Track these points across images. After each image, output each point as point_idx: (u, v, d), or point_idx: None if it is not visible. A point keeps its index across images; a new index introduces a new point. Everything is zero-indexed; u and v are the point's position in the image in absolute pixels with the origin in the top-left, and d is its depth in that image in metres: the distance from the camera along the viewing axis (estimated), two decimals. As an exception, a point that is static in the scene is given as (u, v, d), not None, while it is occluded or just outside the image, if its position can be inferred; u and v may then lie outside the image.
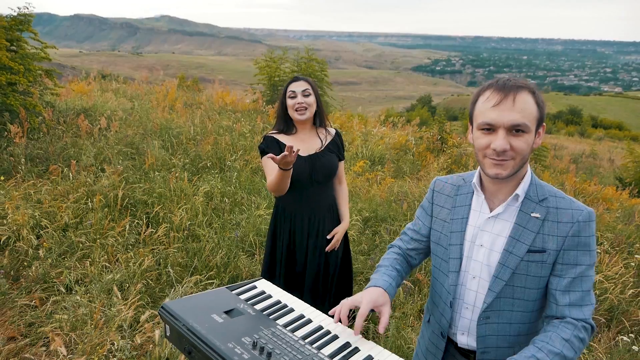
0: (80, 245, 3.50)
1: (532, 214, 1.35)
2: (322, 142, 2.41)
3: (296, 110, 2.31)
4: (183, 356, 2.25)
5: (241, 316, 1.35)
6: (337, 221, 2.51)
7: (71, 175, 4.45)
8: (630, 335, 3.33)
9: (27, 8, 6.72)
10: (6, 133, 5.48)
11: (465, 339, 1.49)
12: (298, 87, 2.31)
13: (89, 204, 4.00)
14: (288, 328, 1.31)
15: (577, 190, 7.49)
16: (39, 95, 6.78)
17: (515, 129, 1.26)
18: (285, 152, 1.94)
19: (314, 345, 1.24)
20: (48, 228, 3.64)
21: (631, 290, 3.81)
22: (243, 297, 1.48)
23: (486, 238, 1.41)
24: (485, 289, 1.41)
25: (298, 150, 2.00)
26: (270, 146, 2.32)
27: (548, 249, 1.33)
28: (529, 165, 1.39)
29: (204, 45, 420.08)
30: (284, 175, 2.12)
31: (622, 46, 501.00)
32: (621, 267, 4.17)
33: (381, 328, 1.33)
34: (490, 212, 1.41)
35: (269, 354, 1.16)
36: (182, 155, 5.73)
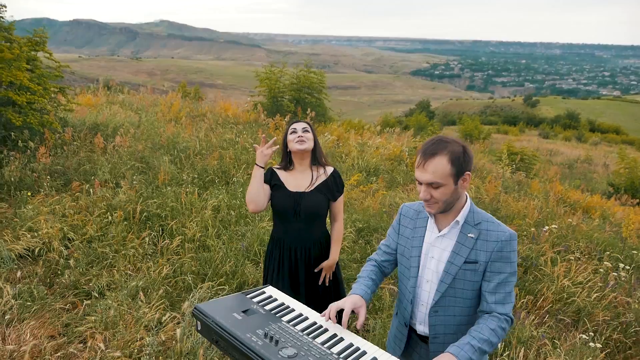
0: (105, 255, 3.95)
1: (469, 235, 1.82)
2: (313, 182, 2.65)
3: (296, 142, 2.63)
4: (201, 351, 2.71)
5: (255, 314, 1.81)
6: (327, 254, 2.75)
7: (92, 191, 4.89)
8: (590, 333, 3.78)
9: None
10: (28, 150, 5.93)
11: (422, 328, 1.97)
12: (299, 125, 2.69)
13: (110, 217, 4.44)
14: (290, 323, 1.77)
15: (559, 200, 7.93)
16: (54, 112, 7.22)
17: (432, 185, 1.73)
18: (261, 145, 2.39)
19: (310, 336, 1.70)
20: (75, 240, 4.09)
21: (595, 294, 4.26)
22: (255, 300, 1.93)
23: (436, 252, 1.89)
24: (434, 290, 1.89)
25: (274, 140, 2.46)
26: (267, 174, 2.68)
27: (480, 261, 1.81)
28: (468, 198, 1.86)
29: (203, 50, 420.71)
30: (255, 173, 2.52)
31: (620, 50, 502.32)
32: (590, 273, 4.62)
33: (359, 324, 1.80)
34: (439, 232, 1.88)
35: (277, 342, 1.61)
36: (189, 169, 6.18)
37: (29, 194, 4.88)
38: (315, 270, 2.70)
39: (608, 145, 40.47)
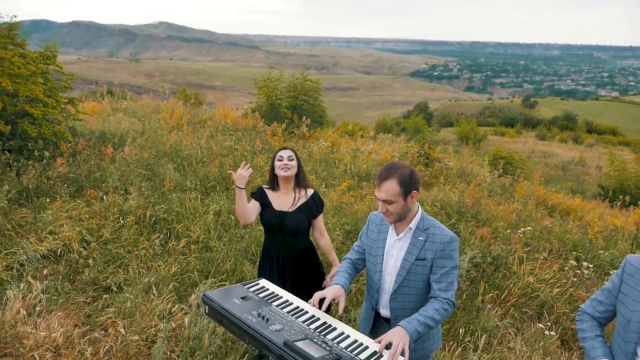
0: (119, 255, 4.45)
1: (419, 238, 2.34)
2: (295, 202, 3.09)
3: (281, 169, 3.08)
4: (206, 336, 3.21)
5: (250, 300, 2.31)
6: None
7: (106, 198, 5.39)
8: (548, 324, 4.29)
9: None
10: (43, 159, 6.42)
11: (385, 311, 2.50)
12: (285, 153, 3.12)
13: (122, 221, 4.95)
14: (278, 307, 2.28)
15: (539, 203, 8.44)
16: (65, 122, 7.71)
17: (386, 202, 2.26)
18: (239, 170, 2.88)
19: (293, 316, 2.21)
20: (92, 242, 4.59)
21: (557, 290, 4.78)
22: (251, 289, 2.44)
23: (394, 251, 2.42)
24: (394, 281, 2.42)
25: (248, 167, 2.95)
26: (257, 193, 3.15)
27: (427, 258, 2.33)
28: (419, 208, 2.38)
29: (202, 51, 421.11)
30: (239, 195, 2.93)
31: (618, 51, 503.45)
32: (555, 271, 5.13)
33: (340, 310, 2.31)
34: (397, 236, 2.40)
35: (267, 320, 2.12)
36: (192, 176, 6.68)
37: (47, 200, 5.38)
38: (324, 286, 3.15)
39: (604, 146, 40.89)
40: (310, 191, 3.20)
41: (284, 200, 3.12)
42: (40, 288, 3.79)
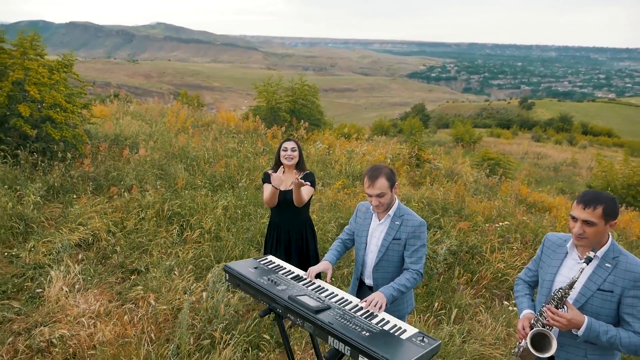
0: (142, 244, 5.12)
1: (395, 222, 3.01)
2: None
3: (285, 159, 3.89)
4: (222, 306, 3.88)
5: (261, 269, 2.99)
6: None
7: (127, 194, 6.06)
8: (513, 302, 4.97)
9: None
10: (66, 160, 7.07)
11: (368, 280, 3.17)
12: (289, 145, 3.90)
13: (143, 215, 5.62)
14: (283, 275, 2.96)
15: (520, 201, 9.13)
16: (82, 126, 8.36)
17: (379, 195, 2.90)
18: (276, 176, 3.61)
19: (295, 281, 2.89)
20: (117, 233, 5.26)
21: (524, 274, 5.46)
22: (262, 263, 3.12)
23: (376, 233, 3.09)
24: (375, 257, 3.08)
25: (284, 171, 3.68)
26: (266, 179, 3.90)
27: (402, 238, 3.00)
28: (397, 199, 3.04)
29: (200, 52, 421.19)
30: (274, 192, 3.73)
31: (615, 52, 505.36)
32: (524, 259, 5.82)
33: (327, 279, 2.99)
34: (379, 221, 3.06)
35: (275, 283, 2.80)
36: (200, 175, 7.35)
37: (74, 196, 6.04)
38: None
39: (599, 148, 41.55)
40: (307, 172, 3.95)
41: (287, 182, 3.88)
42: (78, 270, 4.45)
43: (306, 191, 3.86)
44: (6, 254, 4.83)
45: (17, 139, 7.08)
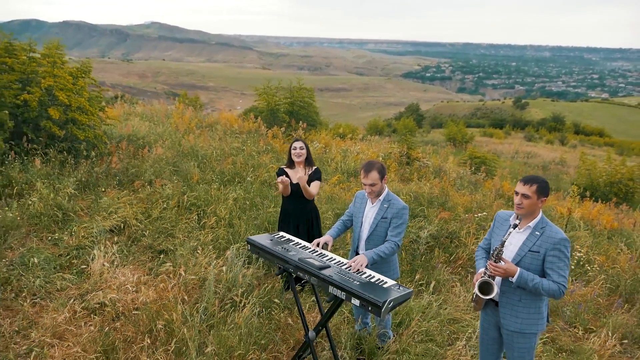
0: (166, 229, 5.96)
1: (384, 205, 3.90)
2: (307, 175, 4.80)
3: (295, 155, 4.81)
4: (240, 277, 4.72)
5: (275, 241, 3.85)
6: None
7: (149, 188, 6.90)
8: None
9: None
10: (89, 158, 7.87)
11: (362, 251, 4.00)
12: (297, 144, 4.81)
13: (165, 205, 6.45)
14: (293, 245, 3.82)
15: (500, 195, 10.01)
16: (100, 127, 9.16)
17: (372, 185, 3.78)
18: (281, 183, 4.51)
19: (302, 249, 3.75)
20: (144, 220, 6.09)
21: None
22: (276, 237, 3.98)
23: (369, 214, 3.98)
24: (367, 232, 3.96)
25: (282, 180, 4.56)
26: (280, 173, 4.79)
27: (388, 217, 3.88)
28: (386, 188, 3.91)
29: (194, 52, 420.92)
30: (283, 189, 4.69)
31: (608, 52, 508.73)
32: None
33: (328, 248, 3.84)
34: (372, 205, 3.94)
35: (286, 249, 3.67)
36: (210, 172, 8.17)
37: (103, 189, 6.87)
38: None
39: (591, 147, 42.46)
40: (315, 167, 4.88)
41: (297, 175, 4.74)
42: (115, 250, 5.28)
43: (315, 185, 4.81)
44: (50, 237, 5.65)
45: (45, 139, 7.89)
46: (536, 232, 3.25)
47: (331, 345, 3.82)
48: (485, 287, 3.28)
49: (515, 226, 3.21)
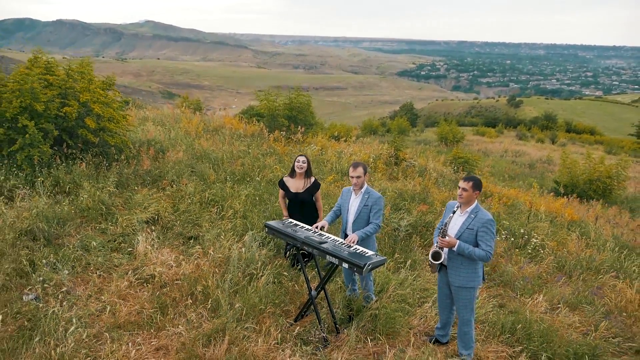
0: (192, 220, 7.28)
1: (365, 196, 5.28)
2: (304, 186, 6.08)
3: (297, 167, 6.09)
4: (257, 255, 6.07)
5: (286, 225, 5.20)
6: (317, 216, 6.26)
7: (175, 186, 8.21)
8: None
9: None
10: (121, 161, 9.15)
11: (349, 233, 5.35)
12: (301, 158, 6.11)
13: (188, 200, 7.77)
14: (299, 228, 5.18)
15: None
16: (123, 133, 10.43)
17: (357, 177, 5.15)
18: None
19: (306, 231, 5.10)
20: (173, 213, 7.40)
21: (463, 241, 7.67)
22: (286, 222, 5.33)
23: (354, 204, 5.37)
24: (352, 218, 5.35)
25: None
26: (280, 184, 6.12)
27: (368, 205, 5.28)
28: (365, 183, 5.26)
29: (189, 50, 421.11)
30: (283, 203, 6.07)
31: (602, 50, 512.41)
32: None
33: (324, 231, 5.19)
34: (355, 196, 5.32)
35: (295, 231, 5.03)
36: (222, 172, 9.48)
37: (135, 188, 8.17)
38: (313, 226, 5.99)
39: (582, 145, 43.60)
40: (313, 179, 6.13)
41: (298, 185, 6.05)
42: (154, 236, 6.58)
43: (319, 199, 6.21)
44: (97, 227, 6.96)
45: (81, 145, 9.18)
46: (472, 215, 4.62)
47: (328, 303, 5.16)
48: (435, 255, 4.64)
49: (454, 212, 4.57)
